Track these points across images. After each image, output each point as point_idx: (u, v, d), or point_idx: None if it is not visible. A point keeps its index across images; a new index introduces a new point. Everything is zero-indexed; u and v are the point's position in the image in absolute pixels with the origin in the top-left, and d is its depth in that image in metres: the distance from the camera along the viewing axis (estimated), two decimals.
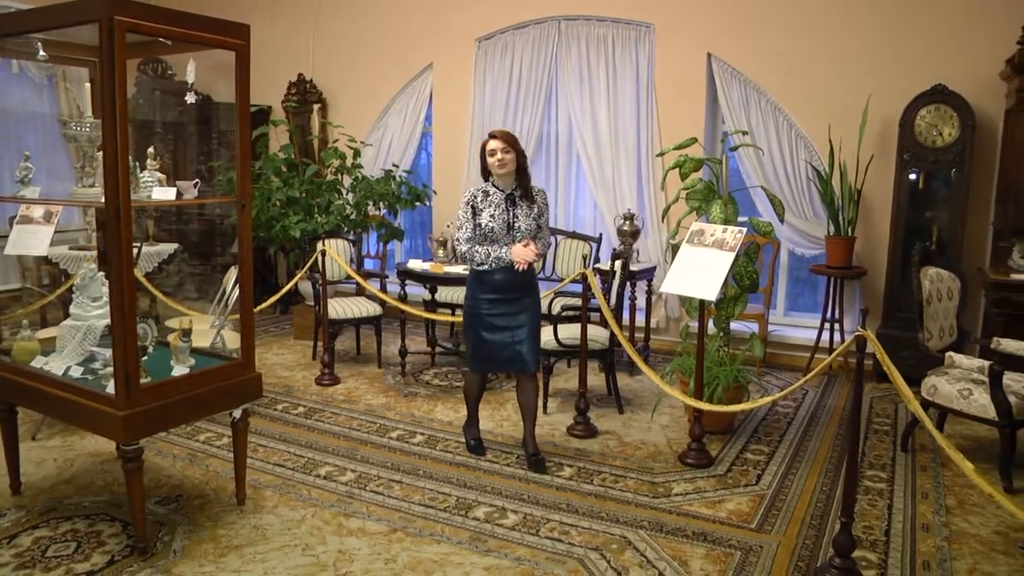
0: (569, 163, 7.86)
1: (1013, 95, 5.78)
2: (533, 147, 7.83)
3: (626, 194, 7.41)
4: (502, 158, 4.34)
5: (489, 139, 4.42)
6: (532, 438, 4.64)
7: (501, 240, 4.37)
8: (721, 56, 7.06)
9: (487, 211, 4.38)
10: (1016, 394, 4.40)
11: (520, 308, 4.46)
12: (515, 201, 4.42)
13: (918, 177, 6.28)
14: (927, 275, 4.98)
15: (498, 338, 4.45)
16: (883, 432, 5.27)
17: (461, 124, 8.21)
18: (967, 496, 4.27)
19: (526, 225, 4.39)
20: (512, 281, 4.41)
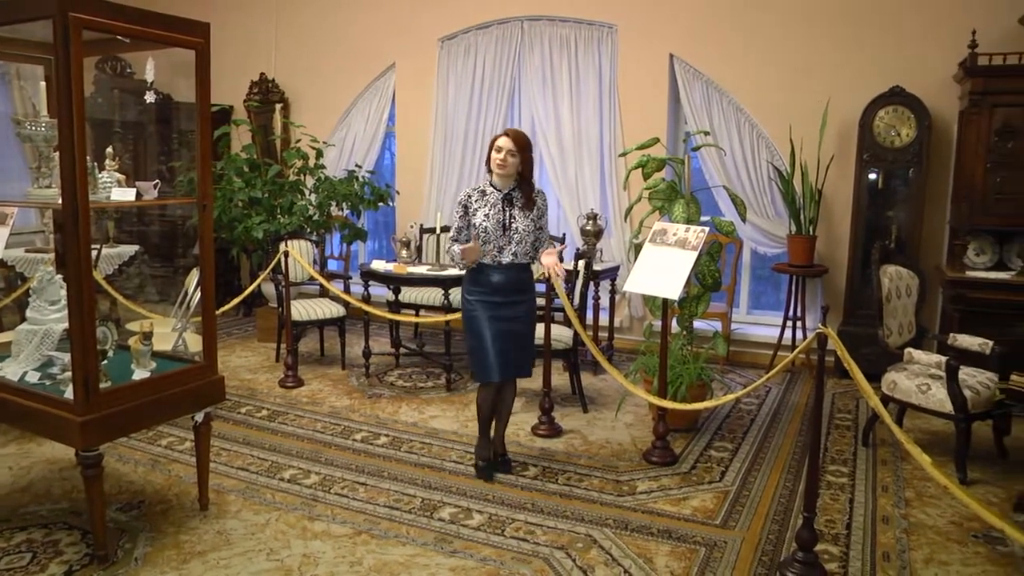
0: None
1: (966, 97, 5.91)
2: None
3: (589, 194, 7.44)
4: (505, 159, 4.16)
5: (501, 135, 4.25)
6: (502, 439, 4.58)
7: (495, 242, 4.20)
8: (683, 57, 7.10)
9: (482, 211, 4.21)
10: (971, 388, 4.49)
11: (515, 312, 4.28)
12: (512, 201, 4.25)
13: (877, 177, 6.39)
14: (887, 273, 5.06)
15: (497, 343, 4.22)
16: (845, 427, 5.35)
17: (424, 124, 8.18)
18: (925, 488, 4.34)
19: (523, 226, 4.23)
20: (509, 281, 4.25)
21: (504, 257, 4.22)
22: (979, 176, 5.83)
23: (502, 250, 4.22)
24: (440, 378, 6.25)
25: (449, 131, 8.05)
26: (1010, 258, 6.01)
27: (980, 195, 5.84)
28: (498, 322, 4.23)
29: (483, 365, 4.25)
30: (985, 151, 5.79)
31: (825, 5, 6.65)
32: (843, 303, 6.57)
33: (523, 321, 4.33)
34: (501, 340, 4.22)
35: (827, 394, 5.98)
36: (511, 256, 4.22)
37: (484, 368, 4.25)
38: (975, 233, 6.04)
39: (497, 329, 4.22)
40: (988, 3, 6.07)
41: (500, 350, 4.21)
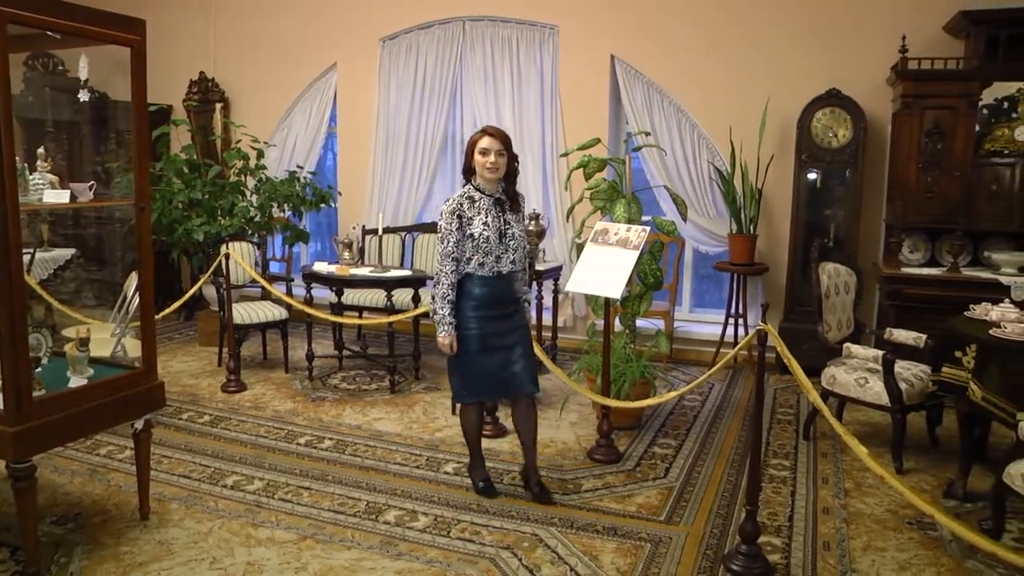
0: None
1: (898, 100, 6.08)
2: (438, 148, 7.84)
3: (531, 194, 7.44)
4: (495, 162, 3.85)
5: (482, 135, 3.89)
6: (535, 468, 4.21)
7: (494, 251, 3.89)
8: (624, 58, 7.17)
9: (478, 219, 3.87)
10: (907, 381, 4.64)
11: (511, 325, 4.01)
12: (504, 206, 3.96)
13: (816, 176, 6.53)
14: (825, 270, 5.17)
15: (491, 360, 3.97)
16: (786, 422, 5.45)
17: (366, 125, 8.12)
18: (863, 479, 4.46)
19: (518, 232, 3.98)
20: (505, 292, 3.98)
21: (503, 266, 3.93)
22: (912, 176, 5.99)
23: (500, 259, 3.92)
24: (384, 380, 6.21)
25: (391, 132, 8.01)
26: (941, 255, 6.19)
27: (913, 194, 6.00)
28: (490, 338, 3.95)
29: (466, 385, 4.03)
30: (917, 152, 5.96)
31: (763, 9, 6.77)
32: (784, 300, 6.70)
33: (517, 334, 4.03)
34: (491, 359, 3.97)
35: (769, 390, 6.11)
36: (509, 265, 3.95)
37: (459, 388, 4.05)
38: (909, 231, 6.22)
39: (488, 346, 3.95)
40: (917, 11, 6.26)
41: (495, 371, 3.97)
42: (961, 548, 3.67)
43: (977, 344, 4.05)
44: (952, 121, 5.87)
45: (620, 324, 5.45)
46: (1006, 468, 3.51)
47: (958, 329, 4.29)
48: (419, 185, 7.97)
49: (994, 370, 3.93)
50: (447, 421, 5.36)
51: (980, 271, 5.96)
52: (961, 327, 4.30)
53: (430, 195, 8.03)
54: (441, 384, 6.14)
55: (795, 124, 6.49)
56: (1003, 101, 6.04)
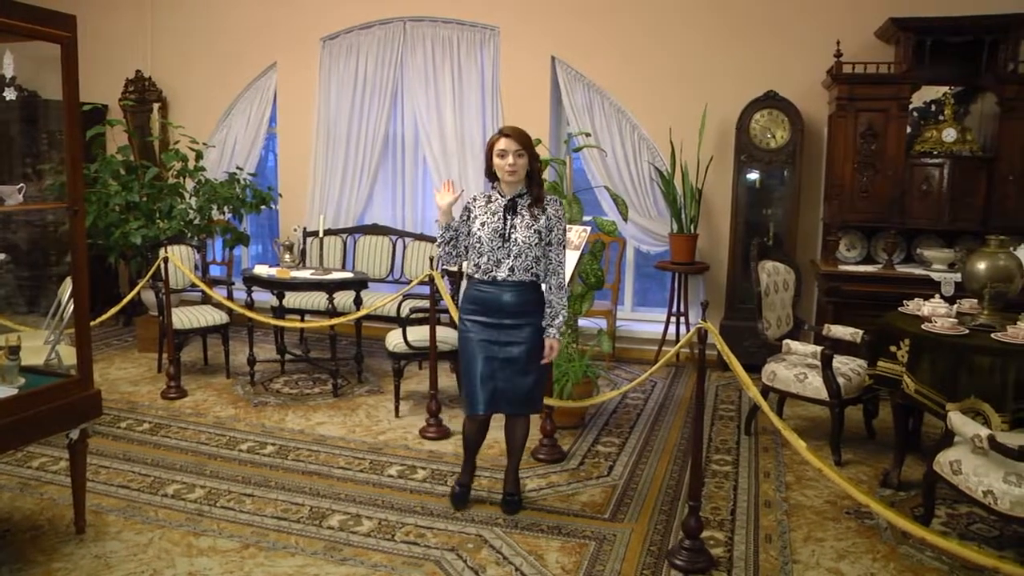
0: (416, 164, 7.85)
1: (833, 102, 6.24)
2: (379, 149, 7.80)
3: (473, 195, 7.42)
4: (514, 163, 3.65)
5: (499, 137, 3.70)
6: (514, 477, 4.08)
7: (490, 254, 3.71)
8: (565, 59, 7.21)
9: (480, 218, 3.75)
10: (844, 375, 4.77)
11: (513, 338, 3.75)
12: (516, 209, 3.74)
13: (755, 177, 6.66)
14: (764, 268, 5.27)
15: (485, 370, 3.75)
16: (728, 418, 5.54)
17: (307, 125, 8.04)
18: (804, 472, 4.56)
19: (525, 237, 3.69)
20: (504, 301, 3.74)
21: (500, 271, 3.71)
22: (847, 176, 6.15)
23: (499, 263, 3.71)
24: (327, 384, 6.16)
25: (332, 132, 7.94)
26: (877, 252, 6.37)
27: (849, 193, 6.17)
28: (489, 347, 3.74)
29: (467, 394, 3.85)
30: (852, 152, 6.13)
31: (702, 12, 6.88)
32: (724, 298, 6.81)
33: (522, 350, 3.76)
34: (491, 369, 3.75)
35: (711, 386, 6.21)
36: (507, 271, 3.71)
37: (468, 397, 3.84)
38: (846, 229, 6.38)
39: (488, 354, 3.74)
40: (850, 17, 6.43)
41: (486, 379, 3.75)
42: (895, 534, 3.80)
43: (910, 338, 4.16)
44: (885, 123, 6.05)
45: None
46: (936, 457, 3.63)
47: (892, 324, 4.41)
48: (360, 186, 7.92)
49: (925, 363, 4.05)
50: (390, 424, 5.34)
51: (913, 268, 6.15)
52: (895, 322, 4.43)
53: (371, 197, 7.98)
54: (384, 387, 6.12)
55: (734, 125, 6.61)
56: (931, 104, 6.27)
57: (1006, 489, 3.21)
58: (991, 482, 3.27)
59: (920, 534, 2.87)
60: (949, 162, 5.98)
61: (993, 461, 3.31)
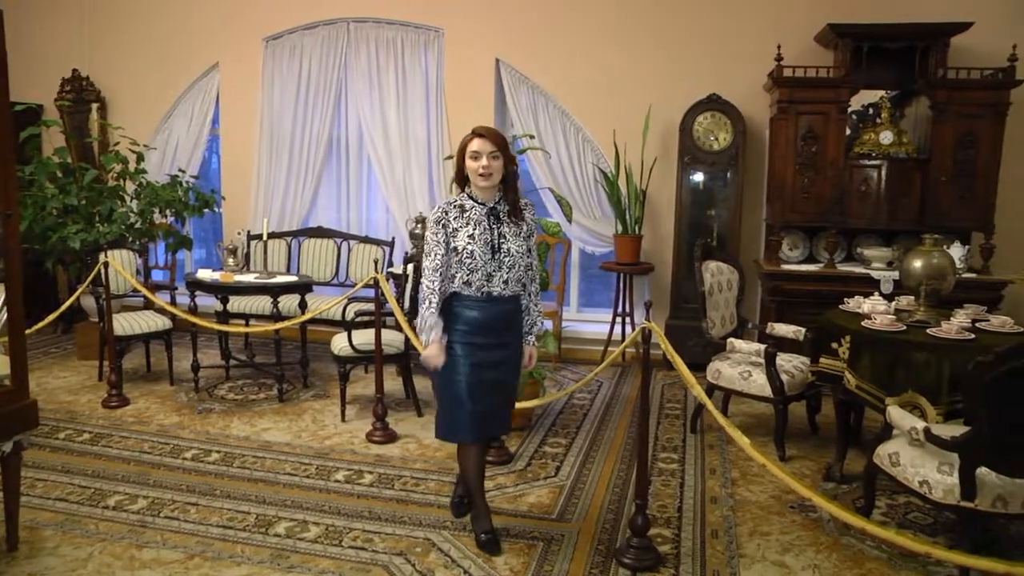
0: (360, 166, 7.83)
1: (775, 105, 6.36)
2: (323, 151, 7.76)
3: (418, 197, 7.47)
4: (488, 165, 3.37)
5: (472, 137, 3.42)
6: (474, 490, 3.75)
7: (483, 269, 3.41)
8: (509, 62, 7.25)
9: (464, 230, 3.40)
10: (788, 372, 4.87)
11: (504, 356, 3.54)
12: (499, 217, 3.46)
13: (698, 178, 6.75)
14: (708, 268, 5.35)
15: (481, 393, 3.48)
16: (674, 416, 5.61)
17: (250, 127, 7.96)
18: (749, 468, 4.65)
19: (516, 247, 3.46)
20: (497, 318, 3.50)
21: (493, 287, 3.45)
22: (789, 177, 6.27)
23: (491, 278, 3.44)
24: (272, 389, 6.10)
25: (276, 134, 7.87)
26: (818, 251, 6.51)
27: (790, 194, 6.29)
28: (481, 369, 3.47)
29: (455, 421, 3.52)
30: (793, 154, 6.25)
31: (646, 15, 6.98)
32: (669, 298, 6.90)
33: (509, 368, 3.59)
34: (482, 392, 3.48)
35: (657, 385, 6.28)
36: (501, 286, 3.46)
37: (456, 424, 3.52)
38: (788, 229, 6.50)
39: (479, 378, 3.47)
40: (791, 21, 6.59)
41: (479, 403, 3.48)
42: (838, 526, 3.89)
43: (850, 335, 4.26)
44: (825, 126, 6.19)
45: None
46: (876, 449, 3.73)
47: (833, 322, 4.50)
48: (304, 189, 7.86)
49: (865, 359, 4.14)
50: (336, 429, 5.30)
51: (854, 266, 6.29)
52: (836, 320, 4.52)
53: (316, 199, 7.94)
54: (329, 391, 6.07)
55: (678, 127, 6.71)
56: (869, 108, 6.43)
57: (940, 478, 3.31)
58: (927, 472, 3.36)
59: (860, 525, 2.94)
60: (886, 163, 6.15)
61: (929, 452, 3.40)
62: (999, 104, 5.95)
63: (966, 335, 4.03)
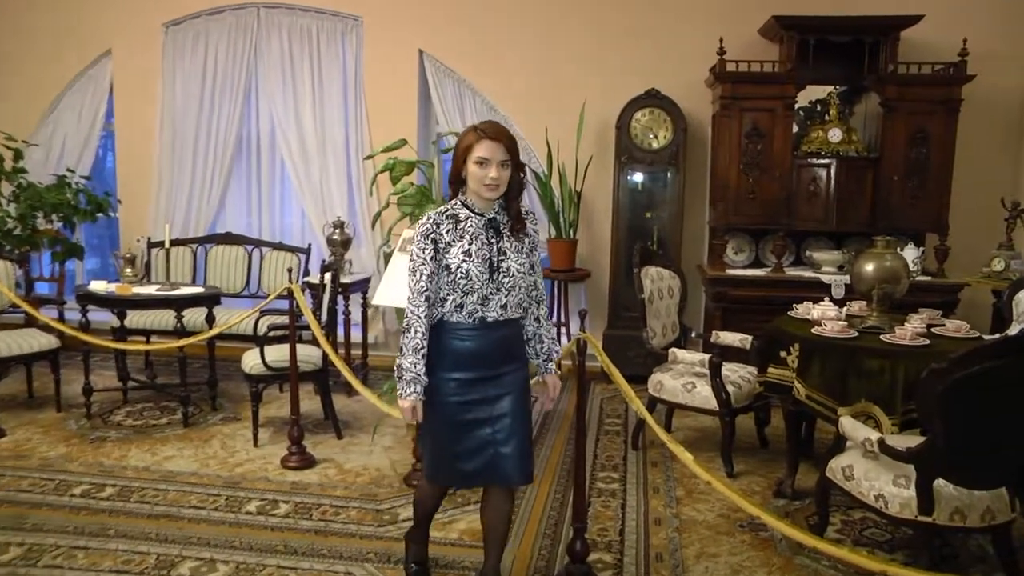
0: (273, 166, 7.72)
1: (717, 101, 6.46)
2: (231, 150, 7.64)
3: (336, 200, 7.40)
4: (498, 177, 3.02)
5: (477, 138, 3.04)
6: (495, 569, 3.38)
7: (479, 291, 3.08)
8: (433, 54, 7.23)
9: (458, 245, 3.07)
10: (734, 383, 4.92)
11: (501, 389, 3.19)
12: (499, 230, 3.15)
13: (637, 179, 6.81)
14: (648, 274, 5.38)
15: (473, 437, 3.15)
16: (614, 432, 5.63)
17: (149, 122, 7.76)
18: (695, 486, 4.67)
19: (518, 266, 3.15)
20: (495, 347, 3.17)
21: (489, 311, 3.12)
22: (733, 177, 6.35)
23: (487, 302, 3.11)
24: (176, 413, 5.92)
25: (178, 130, 7.71)
26: (765, 255, 6.61)
27: (735, 195, 6.37)
28: (476, 409, 3.15)
29: (440, 468, 3.26)
30: (737, 153, 6.34)
31: (580, 5, 7.02)
32: (607, 306, 6.93)
33: (514, 398, 3.22)
34: (479, 437, 3.16)
35: (595, 399, 6.32)
36: (499, 310, 3.13)
37: (441, 472, 3.28)
38: (733, 232, 6.59)
39: (475, 419, 3.15)
40: (733, 13, 6.69)
41: (474, 453, 3.17)
42: (790, 546, 3.92)
43: (800, 343, 4.32)
44: (770, 123, 6.29)
45: None
46: (828, 463, 3.77)
47: (782, 329, 4.57)
48: (212, 191, 7.71)
49: (816, 368, 4.20)
50: (248, 454, 5.19)
51: (803, 270, 6.42)
52: (785, 327, 4.59)
53: (224, 202, 7.80)
54: (240, 414, 5.93)
55: (614, 125, 6.75)
56: (816, 104, 6.58)
57: (896, 492, 3.35)
58: (882, 486, 3.40)
59: (813, 544, 2.96)
60: (835, 162, 6.29)
61: (884, 464, 3.45)
62: (951, 100, 6.13)
63: (921, 341, 4.11)
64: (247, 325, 5.93)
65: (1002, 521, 3.34)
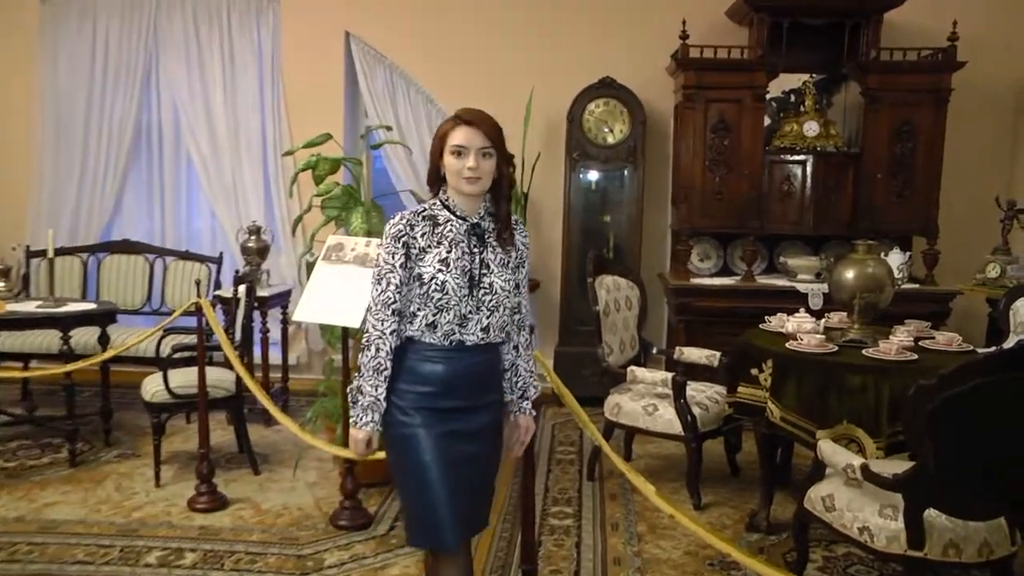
0: (177, 163, 7.63)
1: (680, 91, 6.51)
2: (128, 144, 7.54)
3: (251, 202, 7.36)
4: (477, 167, 2.87)
5: (456, 125, 2.92)
6: None
7: (456, 308, 2.88)
8: (362, 36, 7.21)
9: (435, 252, 2.89)
10: (700, 405, 4.94)
11: (482, 424, 3.01)
12: (484, 237, 2.98)
13: (591, 177, 6.85)
14: (603, 284, 5.40)
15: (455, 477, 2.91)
16: (567, 462, 5.63)
17: (24, 111, 7.61)
18: (658, 520, 4.68)
19: (502, 281, 2.95)
20: (473, 373, 2.98)
21: (468, 333, 2.92)
22: (697, 176, 6.41)
23: (465, 322, 2.91)
24: (61, 450, 5.78)
25: (63, 121, 7.59)
26: (734, 262, 6.68)
27: (700, 196, 6.43)
28: (449, 445, 2.91)
29: (428, 522, 2.94)
30: (703, 149, 6.40)
31: None
32: (558, 320, 6.93)
33: (487, 439, 3.06)
34: (455, 478, 2.91)
35: (546, 424, 6.34)
36: (478, 334, 2.93)
37: (430, 527, 2.94)
38: (698, 237, 6.65)
39: (451, 457, 2.91)
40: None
41: (453, 496, 2.90)
42: None
43: (773, 359, 4.34)
44: (739, 115, 6.37)
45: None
46: (807, 492, 3.77)
47: (753, 344, 4.59)
48: (104, 191, 7.60)
49: (791, 386, 4.22)
50: (148, 496, 5.07)
51: (776, 278, 6.51)
52: (756, 341, 4.61)
53: (120, 205, 7.70)
54: (140, 449, 5.81)
55: (565, 117, 6.79)
56: (790, 94, 6.67)
57: (882, 524, 3.36)
58: (866, 517, 3.41)
59: None
60: (812, 159, 6.39)
61: (868, 493, 3.47)
62: (939, 89, 6.25)
63: (908, 356, 4.16)
64: (148, 346, 5.86)
65: (1001, 555, 3.35)
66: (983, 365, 3.12)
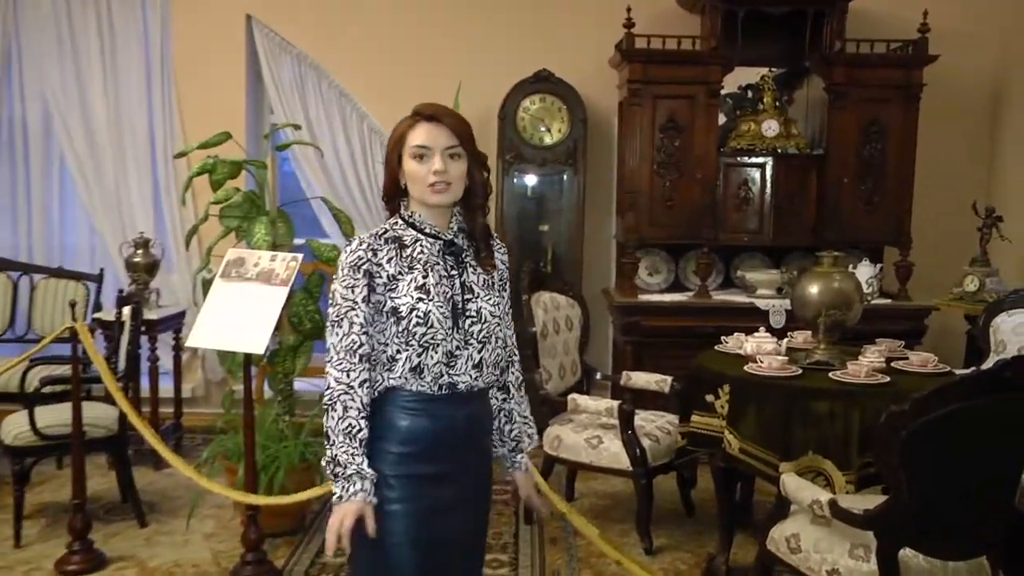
0: (49, 166, 7.50)
1: (625, 86, 6.54)
2: None
3: (138, 211, 7.28)
4: (444, 170, 2.67)
5: (414, 123, 2.72)
6: None
7: (444, 344, 2.66)
8: (266, 21, 7.17)
9: (408, 279, 2.67)
10: (650, 436, 4.96)
11: (460, 493, 2.78)
12: (461, 256, 2.80)
13: (526, 182, 6.87)
14: (540, 302, 5.42)
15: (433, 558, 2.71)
16: (502, 503, 5.57)
17: None
18: (605, 567, 4.67)
19: (491, 308, 2.77)
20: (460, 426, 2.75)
21: (459, 374, 2.70)
22: (645, 180, 6.45)
23: (453, 359, 2.69)
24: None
25: None
26: (687, 276, 6.72)
27: (647, 203, 6.47)
28: (431, 518, 2.70)
29: None
30: (651, 150, 6.44)
31: None
32: None
33: (473, 511, 2.88)
34: (432, 558, 2.71)
35: None
36: (470, 372, 2.72)
37: None
38: (646, 249, 6.67)
39: (431, 536, 2.69)
40: None
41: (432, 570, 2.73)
42: None
43: (730, 384, 4.38)
44: (691, 113, 6.42)
45: (269, 389, 5.40)
46: (770, 532, 3.79)
47: (708, 367, 4.64)
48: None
49: (751, 414, 4.26)
50: (6, 560, 4.91)
51: (733, 294, 6.58)
52: (711, 364, 4.66)
53: None
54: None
55: (496, 115, 6.79)
56: (747, 90, 6.77)
57: (853, 565, 3.39)
58: (836, 558, 3.44)
59: None
60: (771, 161, 6.49)
61: (837, 532, 3.50)
62: (910, 85, 6.37)
63: (879, 378, 4.22)
64: (11, 379, 5.68)
65: None
66: (961, 388, 3.17)
